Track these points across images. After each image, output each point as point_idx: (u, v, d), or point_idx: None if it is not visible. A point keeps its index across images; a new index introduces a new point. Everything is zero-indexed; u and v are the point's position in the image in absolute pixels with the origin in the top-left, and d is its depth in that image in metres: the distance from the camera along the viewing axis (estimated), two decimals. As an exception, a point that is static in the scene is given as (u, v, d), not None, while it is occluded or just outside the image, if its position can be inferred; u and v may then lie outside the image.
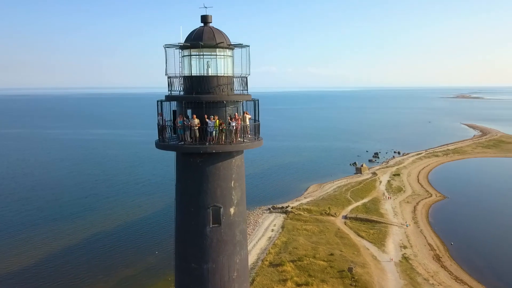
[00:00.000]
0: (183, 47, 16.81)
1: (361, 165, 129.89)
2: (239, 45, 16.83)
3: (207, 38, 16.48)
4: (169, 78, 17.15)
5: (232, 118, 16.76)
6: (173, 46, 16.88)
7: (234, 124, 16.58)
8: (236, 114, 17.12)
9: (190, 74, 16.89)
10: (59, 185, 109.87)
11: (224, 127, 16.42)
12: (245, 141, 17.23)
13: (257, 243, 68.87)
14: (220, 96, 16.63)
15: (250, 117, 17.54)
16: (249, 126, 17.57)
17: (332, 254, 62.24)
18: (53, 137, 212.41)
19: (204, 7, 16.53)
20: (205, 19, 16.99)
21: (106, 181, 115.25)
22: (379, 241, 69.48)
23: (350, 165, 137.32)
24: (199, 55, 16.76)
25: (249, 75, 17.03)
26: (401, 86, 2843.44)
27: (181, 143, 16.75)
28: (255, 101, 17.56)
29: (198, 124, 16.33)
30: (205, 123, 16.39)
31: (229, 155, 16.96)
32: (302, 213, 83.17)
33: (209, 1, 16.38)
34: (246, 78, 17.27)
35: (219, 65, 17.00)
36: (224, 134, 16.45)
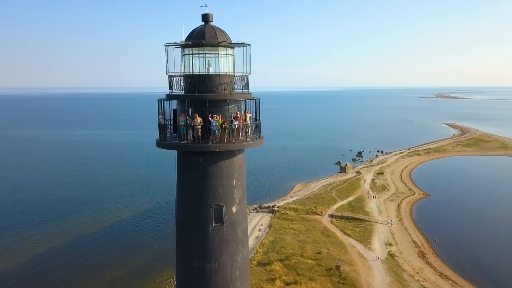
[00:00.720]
0: (185, 45, 16.72)
1: (345, 164, 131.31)
2: (240, 44, 16.84)
3: (209, 37, 16.43)
4: (170, 77, 17.05)
5: (234, 117, 16.77)
6: (174, 45, 16.77)
7: (237, 123, 16.60)
8: (237, 112, 17.13)
9: (192, 73, 16.81)
10: (50, 185, 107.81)
11: (226, 126, 16.42)
12: (247, 140, 17.26)
13: (244, 242, 68.88)
14: (223, 95, 16.64)
15: (250, 115, 17.58)
16: (250, 125, 17.59)
17: (319, 253, 62.74)
18: (51, 137, 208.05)
19: (205, 6, 16.47)
20: (206, 17, 16.90)
21: (94, 182, 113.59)
22: (365, 239, 70.34)
23: (335, 164, 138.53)
24: (201, 54, 16.71)
25: (250, 74, 17.08)
26: (382, 86, 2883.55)
27: (184, 142, 16.66)
28: (256, 100, 17.62)
29: (200, 122, 16.28)
30: (208, 122, 16.35)
31: (231, 153, 16.97)
32: (288, 212, 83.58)
33: (209, 1, 16.32)
34: (247, 77, 17.31)
35: (220, 64, 16.98)
36: (226, 132, 16.44)
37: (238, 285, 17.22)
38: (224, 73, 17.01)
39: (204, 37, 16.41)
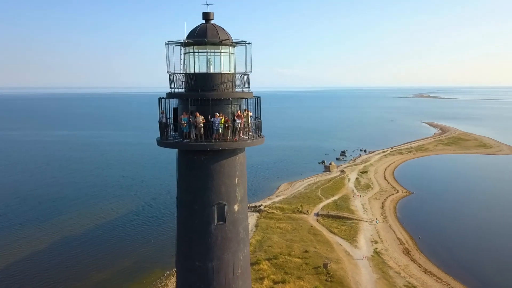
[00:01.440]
0: (187, 44, 16.60)
1: (330, 163, 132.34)
2: (242, 42, 16.80)
3: (211, 35, 16.34)
4: (171, 75, 16.89)
5: (237, 116, 16.74)
6: (175, 43, 16.62)
7: (239, 121, 16.57)
8: (239, 111, 17.10)
9: (194, 71, 16.68)
10: (33, 187, 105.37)
11: (230, 125, 16.37)
12: (249, 138, 17.25)
13: (231, 242, 68.75)
14: (226, 93, 16.58)
15: (251, 114, 17.57)
16: (251, 123, 17.57)
17: (306, 251, 63.14)
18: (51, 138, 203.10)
19: (206, 4, 16.39)
20: (207, 16, 16.79)
21: (77, 183, 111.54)
22: (351, 237, 71.10)
23: (319, 163, 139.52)
24: (202, 52, 16.62)
25: (251, 72, 17.07)
26: (363, 86, 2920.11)
27: (187, 140, 16.53)
28: (257, 98, 17.61)
29: (202, 120, 16.18)
30: (210, 120, 16.26)
31: (233, 152, 16.92)
32: (275, 211, 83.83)
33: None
34: (248, 75, 17.29)
35: (222, 62, 16.89)
36: (229, 131, 16.40)
37: (240, 283, 17.20)
38: (226, 72, 16.96)
39: (206, 36, 16.31)
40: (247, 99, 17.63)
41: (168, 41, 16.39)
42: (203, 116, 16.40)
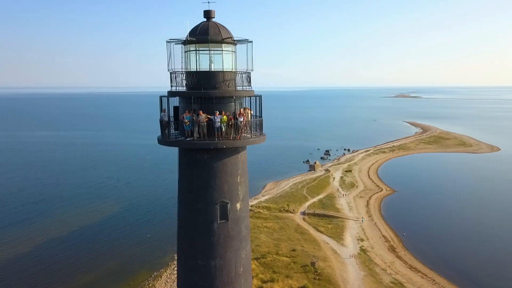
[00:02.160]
0: (189, 42, 16.50)
1: (314, 163, 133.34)
2: (244, 41, 16.80)
3: (213, 33, 16.29)
4: (172, 73, 16.77)
5: (239, 114, 16.74)
6: (177, 41, 16.50)
7: (242, 119, 16.59)
8: (241, 109, 17.11)
9: (196, 69, 16.62)
10: (15, 190, 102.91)
11: (233, 123, 16.35)
12: (252, 137, 17.28)
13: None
14: (229, 92, 16.57)
15: (251, 112, 17.60)
16: (252, 122, 17.58)
17: (294, 250, 63.49)
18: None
19: (207, 1, 16.32)
20: (208, 14, 16.73)
21: (61, 184, 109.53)
22: (338, 235, 71.81)
23: (304, 162, 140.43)
24: (204, 50, 16.55)
25: (252, 71, 17.09)
26: (346, 86, 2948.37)
27: (190, 139, 16.43)
28: (259, 96, 17.65)
29: (205, 118, 16.12)
30: (211, 118, 16.22)
31: (235, 150, 16.91)
32: (261, 211, 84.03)
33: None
34: (249, 73, 17.31)
35: (223, 60, 16.86)
36: (233, 129, 16.40)
37: (242, 281, 17.21)
38: (228, 70, 16.94)
39: (208, 34, 16.26)
40: (250, 97, 17.65)
41: (170, 39, 16.37)
42: (205, 114, 16.26)
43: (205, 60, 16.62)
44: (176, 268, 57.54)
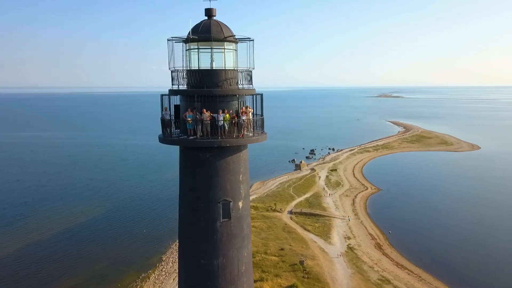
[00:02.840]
0: (192, 40, 16.38)
1: (300, 162, 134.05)
2: (245, 39, 16.76)
3: (215, 32, 16.21)
4: (173, 72, 16.61)
5: (242, 112, 16.70)
6: (178, 40, 16.36)
7: (245, 117, 16.55)
8: (243, 108, 17.07)
9: (198, 67, 16.52)
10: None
11: (236, 121, 16.31)
12: (254, 135, 17.27)
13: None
14: (232, 90, 16.52)
15: (252, 111, 17.58)
16: (253, 120, 17.55)
17: (282, 249, 63.72)
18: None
19: (208, 0, 16.22)
20: (209, 12, 16.64)
21: (43, 186, 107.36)
22: (325, 234, 72.36)
23: (289, 162, 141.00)
24: (206, 49, 16.46)
25: (254, 69, 17.07)
26: (328, 86, 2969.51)
27: (193, 137, 16.30)
28: (260, 95, 17.64)
29: (208, 117, 16.04)
30: (215, 117, 16.14)
31: (237, 149, 16.89)
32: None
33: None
34: (251, 72, 17.28)
35: (225, 58, 16.79)
36: (236, 128, 16.35)
37: (244, 280, 17.19)
38: (230, 68, 16.89)
39: (210, 32, 16.18)
40: (253, 96, 17.65)
41: (171, 37, 16.24)
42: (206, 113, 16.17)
43: (206, 59, 16.54)
44: (176, 268, 57.03)
